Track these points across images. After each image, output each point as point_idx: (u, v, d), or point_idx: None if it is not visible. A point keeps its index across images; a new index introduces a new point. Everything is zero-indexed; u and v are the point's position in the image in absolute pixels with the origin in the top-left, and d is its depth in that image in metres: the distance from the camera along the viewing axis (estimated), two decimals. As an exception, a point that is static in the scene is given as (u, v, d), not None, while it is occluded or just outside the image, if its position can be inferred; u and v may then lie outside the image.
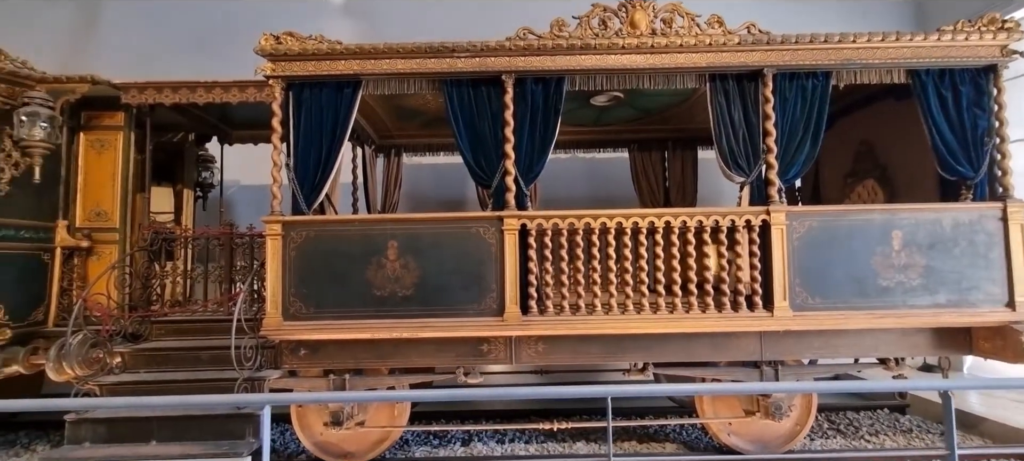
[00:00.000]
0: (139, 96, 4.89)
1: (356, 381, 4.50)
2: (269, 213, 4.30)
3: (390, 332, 4.22)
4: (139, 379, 4.38)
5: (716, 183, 7.07)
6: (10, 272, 4.61)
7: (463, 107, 4.35)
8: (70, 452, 3.96)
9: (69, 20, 7.85)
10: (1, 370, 4.59)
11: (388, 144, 6.79)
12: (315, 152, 4.35)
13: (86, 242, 5.04)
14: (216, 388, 4.24)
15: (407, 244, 4.23)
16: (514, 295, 4.17)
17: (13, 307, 4.62)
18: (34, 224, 4.81)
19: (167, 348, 4.65)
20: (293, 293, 4.22)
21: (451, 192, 7.75)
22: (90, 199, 5.12)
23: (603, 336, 4.34)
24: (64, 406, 2.99)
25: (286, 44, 4.24)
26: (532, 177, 4.36)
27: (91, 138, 5.15)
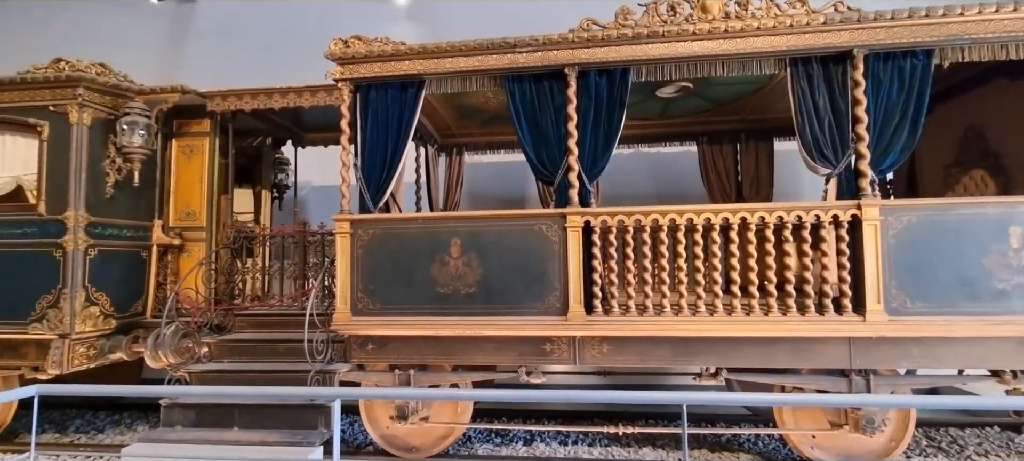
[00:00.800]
0: (222, 103, 5.22)
1: (420, 377, 4.57)
2: (338, 212, 4.45)
3: (452, 329, 4.24)
4: (223, 368, 4.67)
5: (794, 177, 6.63)
6: (115, 268, 5.06)
7: (525, 103, 4.29)
8: (164, 434, 4.29)
9: (164, 36, 8.57)
10: (107, 356, 5.04)
11: (450, 143, 6.86)
12: (381, 151, 4.46)
13: (178, 240, 5.45)
14: (291, 379, 4.45)
15: (469, 242, 4.23)
16: (578, 294, 4.07)
17: (117, 299, 5.07)
18: (134, 224, 5.26)
19: (248, 340, 4.94)
20: (361, 289, 4.35)
21: (512, 190, 7.73)
22: (181, 200, 5.53)
23: (672, 338, 4.14)
24: (157, 393, 3.22)
25: (354, 47, 4.36)
26: (596, 173, 4.23)
27: (182, 144, 5.56)
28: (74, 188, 4.73)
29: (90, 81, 4.80)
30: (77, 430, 5.95)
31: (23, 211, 4.79)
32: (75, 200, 4.73)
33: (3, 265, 4.76)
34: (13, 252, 4.76)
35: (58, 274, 4.68)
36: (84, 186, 4.78)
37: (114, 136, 4.98)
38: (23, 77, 4.77)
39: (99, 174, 4.93)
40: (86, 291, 4.78)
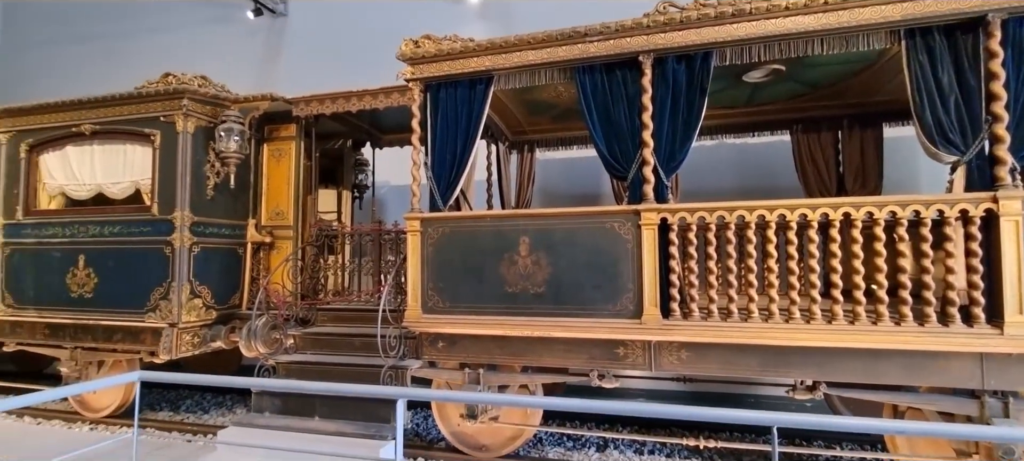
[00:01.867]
0: (305, 108, 5.51)
1: (490, 376, 4.53)
2: (409, 210, 4.51)
3: (521, 330, 4.15)
4: (306, 359, 4.92)
5: (910, 167, 5.85)
6: (216, 263, 5.51)
7: (596, 94, 4.10)
8: (255, 419, 4.60)
9: (260, 49, 9.27)
10: (209, 344, 5.51)
11: (521, 140, 6.78)
12: (450, 149, 4.46)
13: (269, 238, 5.83)
14: (366, 373, 4.58)
15: (538, 240, 4.11)
16: (653, 296, 3.81)
17: (217, 292, 5.52)
18: (231, 223, 5.70)
19: (328, 333, 5.17)
20: (431, 287, 4.38)
21: (584, 186, 7.51)
22: (272, 201, 5.92)
23: (761, 347, 3.76)
24: (246, 383, 3.42)
25: (423, 47, 4.40)
26: (673, 167, 3.94)
27: (272, 148, 5.95)
28: (180, 190, 5.20)
29: (193, 92, 5.25)
30: (187, 410, 6.58)
31: (140, 212, 5.34)
32: (181, 201, 5.20)
33: (125, 261, 5.35)
34: (133, 249, 5.32)
35: (168, 269, 5.17)
36: (189, 188, 5.25)
37: (213, 142, 5.42)
38: (139, 91, 5.32)
39: (201, 177, 5.39)
40: (190, 285, 5.24)
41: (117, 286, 5.34)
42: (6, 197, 5.81)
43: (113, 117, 5.44)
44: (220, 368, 7.46)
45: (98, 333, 5.48)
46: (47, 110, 5.67)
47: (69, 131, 5.59)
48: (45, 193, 5.80)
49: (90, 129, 5.49)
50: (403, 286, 4.73)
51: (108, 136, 5.51)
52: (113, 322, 5.36)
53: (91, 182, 5.62)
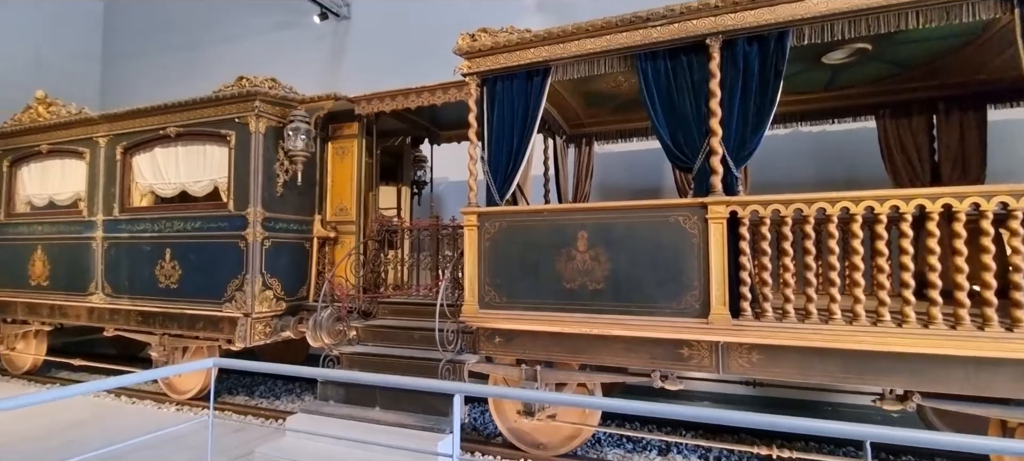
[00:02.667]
0: (367, 106, 5.65)
1: (547, 373, 4.45)
2: (466, 205, 4.51)
3: (579, 327, 4.04)
4: (368, 351, 5.05)
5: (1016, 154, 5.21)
6: (285, 257, 5.78)
7: (659, 82, 3.91)
8: (320, 407, 4.77)
9: (326, 52, 9.66)
10: (279, 334, 5.79)
11: (578, 133, 6.64)
12: (507, 143, 4.41)
13: (333, 233, 6.05)
14: (425, 366, 4.64)
15: (598, 235, 3.98)
16: (722, 295, 3.59)
17: (286, 285, 5.79)
18: (299, 218, 5.96)
19: (389, 326, 5.29)
20: (488, 282, 4.36)
21: (645, 180, 7.26)
22: (336, 197, 6.13)
23: (843, 351, 3.44)
24: (312, 374, 3.55)
25: (480, 40, 4.37)
26: (744, 156, 3.69)
27: (336, 146, 6.16)
28: (253, 187, 5.49)
29: (264, 94, 5.51)
30: (260, 395, 6.97)
31: (218, 208, 5.69)
32: (254, 198, 5.48)
33: (205, 254, 5.71)
34: (212, 243, 5.68)
35: (242, 262, 5.47)
36: (261, 186, 5.52)
37: (282, 141, 5.68)
38: (216, 95, 5.65)
39: (272, 175, 5.66)
40: (263, 277, 5.52)
41: (198, 278, 5.72)
42: (105, 195, 6.38)
43: (194, 120, 5.82)
44: (289, 356, 7.86)
45: (183, 321, 5.90)
46: (138, 115, 6.15)
47: (157, 133, 6.04)
48: (137, 191, 6.30)
49: (174, 131, 5.91)
50: (461, 281, 4.74)
51: (190, 137, 5.91)
52: (195, 311, 5.75)
53: (176, 181, 6.04)
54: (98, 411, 5.82)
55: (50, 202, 6.99)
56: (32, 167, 7.18)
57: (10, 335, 7.57)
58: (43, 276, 6.86)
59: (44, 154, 6.98)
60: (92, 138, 6.51)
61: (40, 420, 5.34)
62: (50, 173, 7.01)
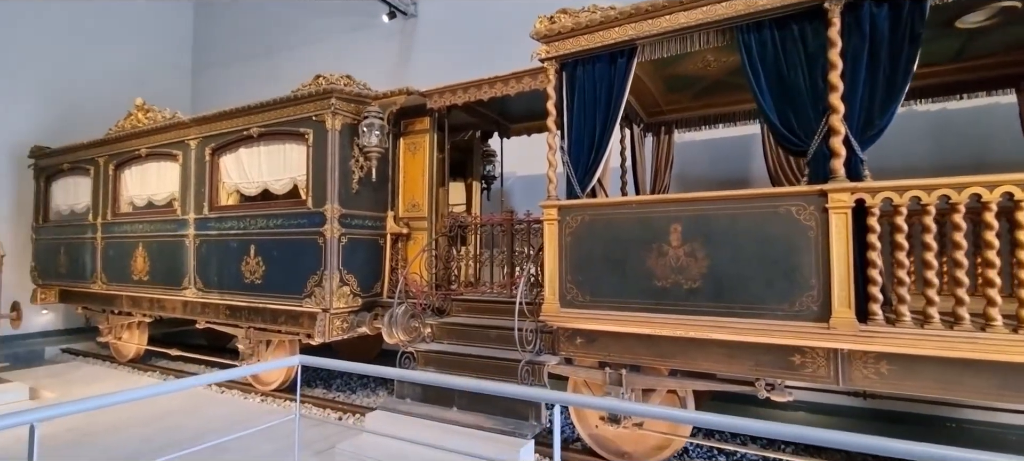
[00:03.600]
0: (439, 100, 5.55)
1: (633, 378, 4.14)
2: (545, 198, 4.27)
3: (673, 329, 3.69)
4: (443, 349, 4.94)
5: None
6: (360, 253, 5.81)
7: (765, 56, 3.47)
8: (397, 404, 4.72)
9: (395, 50, 9.76)
10: (355, 329, 5.83)
11: (657, 121, 6.22)
12: (589, 132, 4.13)
13: (406, 229, 6.01)
14: (503, 366, 4.46)
15: (693, 228, 3.62)
16: (845, 296, 3.12)
17: (361, 281, 5.81)
18: (373, 215, 5.97)
19: (463, 324, 5.16)
20: (569, 279, 4.10)
21: (730, 169, 6.72)
22: (408, 193, 6.10)
23: (1003, 364, 2.89)
24: (393, 375, 3.45)
25: (559, 22, 4.11)
26: (872, 136, 3.20)
27: (407, 142, 6.12)
28: (330, 184, 5.54)
29: (339, 91, 5.55)
30: (337, 388, 7.11)
31: (297, 205, 5.80)
32: (331, 195, 5.53)
33: (286, 250, 5.85)
34: (292, 239, 5.80)
35: (321, 258, 5.54)
36: (337, 182, 5.56)
37: (357, 138, 5.69)
38: (295, 94, 5.76)
39: (347, 172, 5.69)
40: (340, 273, 5.56)
41: (280, 273, 5.87)
42: (196, 195, 6.71)
43: (274, 120, 5.97)
44: (364, 350, 8.00)
45: (266, 315, 6.09)
46: (224, 117, 6.41)
47: (241, 134, 6.26)
48: (224, 190, 6.57)
49: (257, 132, 6.09)
50: (539, 278, 4.52)
51: (271, 137, 6.07)
52: (278, 306, 5.91)
53: (258, 179, 6.24)
54: (193, 400, 6.12)
55: (149, 202, 7.47)
56: (133, 170, 7.71)
57: (117, 325, 8.21)
58: (144, 271, 7.35)
59: (143, 157, 7.47)
60: (184, 141, 6.87)
61: (143, 407, 5.67)
62: (148, 175, 7.49)
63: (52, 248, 8.93)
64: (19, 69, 9.98)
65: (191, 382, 2.71)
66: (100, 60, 11.04)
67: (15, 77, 9.92)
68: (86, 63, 10.84)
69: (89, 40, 10.97)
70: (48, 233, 9.09)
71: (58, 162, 8.83)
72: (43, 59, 10.29)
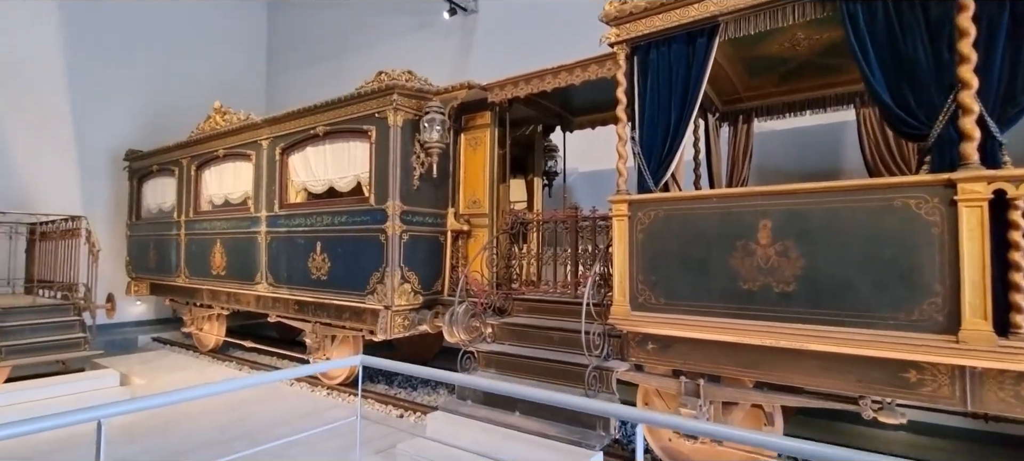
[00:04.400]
0: (500, 93, 5.39)
1: (712, 389, 3.77)
2: (614, 193, 3.99)
3: (761, 337, 3.30)
4: (505, 351, 4.78)
5: None
6: (421, 251, 5.76)
7: (875, 25, 3.02)
8: (458, 406, 4.60)
9: (455, 47, 9.74)
10: (416, 327, 5.79)
11: (735, 109, 5.75)
12: (663, 120, 3.81)
13: (466, 226, 5.91)
14: (568, 371, 4.23)
15: (787, 225, 3.22)
16: (980, 304, 2.64)
17: (422, 279, 5.77)
18: (434, 212, 5.91)
19: (525, 325, 4.97)
20: (641, 280, 3.80)
21: (817, 161, 6.12)
22: (469, 190, 5.99)
23: None
24: (450, 379, 3.30)
25: (631, 2, 3.81)
26: (1016, 113, 2.69)
27: (468, 137, 6.01)
28: (392, 181, 5.52)
29: (401, 87, 5.51)
30: (399, 385, 7.14)
31: (360, 202, 5.84)
32: (393, 191, 5.51)
33: (350, 247, 5.91)
34: (356, 236, 5.85)
35: (383, 255, 5.54)
36: (399, 179, 5.54)
37: (418, 133, 5.64)
38: (358, 92, 5.79)
39: (408, 168, 5.65)
40: (401, 271, 5.54)
41: (344, 270, 5.94)
42: (268, 193, 6.95)
43: (339, 118, 6.04)
44: (424, 349, 8.02)
45: (331, 311, 6.19)
46: (292, 117, 6.59)
47: (308, 133, 6.40)
48: (293, 188, 6.76)
49: (322, 130, 6.20)
50: (607, 277, 4.25)
51: (336, 135, 6.16)
52: (342, 302, 5.98)
53: (324, 177, 6.35)
54: (264, 391, 6.33)
55: (226, 200, 7.85)
56: (212, 170, 8.13)
57: (198, 317, 8.71)
58: (221, 266, 7.73)
59: (221, 158, 7.85)
60: (257, 141, 7.14)
61: (216, 398, 5.92)
62: (226, 175, 7.87)
63: (143, 244, 9.63)
64: (116, 79, 10.85)
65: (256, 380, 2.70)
66: (185, 68, 11.81)
67: (113, 86, 10.80)
68: (173, 71, 11.63)
69: (175, 50, 11.77)
70: (140, 230, 9.81)
71: (148, 164, 9.50)
72: (136, 69, 11.14)
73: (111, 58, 10.77)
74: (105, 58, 10.68)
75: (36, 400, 5.12)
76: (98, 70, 10.58)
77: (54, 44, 10.11)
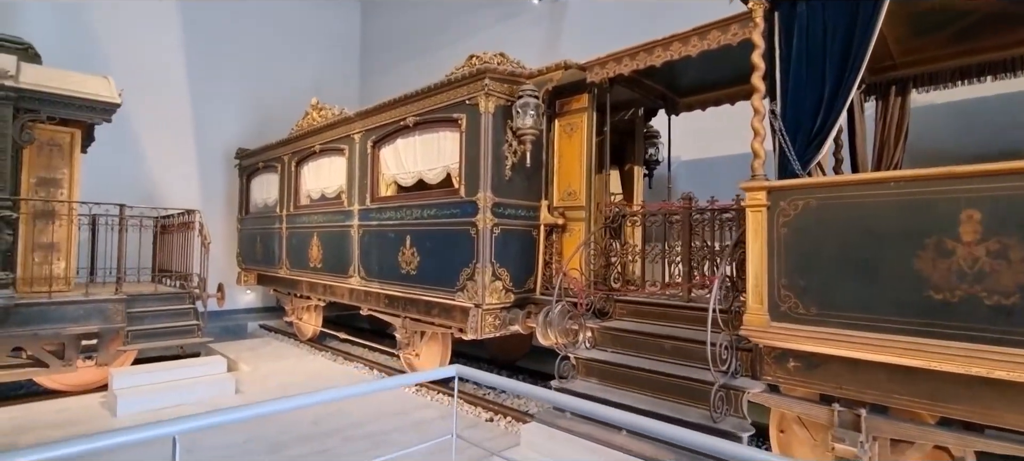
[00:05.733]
0: (601, 72, 4.86)
1: (878, 422, 3.02)
2: (748, 178, 3.33)
3: (956, 363, 2.53)
4: (608, 359, 4.27)
5: None
6: (513, 245, 5.40)
7: None
8: (556, 418, 4.17)
9: (543, 34, 9.31)
10: (507, 327, 5.44)
11: (886, 79, 4.78)
12: (813, 91, 3.10)
13: (561, 220, 5.45)
14: (683, 387, 3.65)
15: (1004, 216, 2.42)
16: None
17: (514, 276, 5.40)
18: (526, 204, 5.52)
19: (629, 330, 4.43)
20: (784, 284, 3.12)
21: (995, 140, 4.96)
22: (563, 180, 5.53)
23: None
24: (551, 399, 2.90)
25: (774, -55, 3.14)
26: None
27: (563, 124, 5.54)
28: (483, 171, 5.20)
29: (493, 70, 5.17)
30: (489, 386, 6.87)
31: (450, 195, 5.59)
32: (484, 182, 5.19)
33: (440, 241, 5.69)
34: (445, 230, 5.61)
35: (473, 250, 5.24)
36: (490, 169, 5.21)
37: (510, 120, 5.27)
38: (449, 78, 5.54)
39: (500, 157, 5.31)
40: (492, 266, 5.21)
41: (434, 265, 5.74)
42: (360, 187, 6.96)
43: (429, 107, 5.84)
44: (512, 346, 7.68)
45: (420, 307, 6.02)
46: (383, 109, 6.51)
47: (398, 125, 6.28)
48: (383, 182, 6.70)
49: (412, 121, 6.03)
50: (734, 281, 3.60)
51: (426, 126, 5.97)
52: (431, 298, 5.79)
53: (414, 169, 6.20)
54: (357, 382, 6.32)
55: (322, 195, 8.03)
56: (309, 165, 8.37)
57: (299, 307, 9.06)
58: (318, 259, 7.92)
59: (317, 153, 8.04)
60: (349, 136, 7.18)
61: (312, 388, 5.97)
62: (322, 170, 8.05)
63: (252, 237, 10.23)
64: (227, 82, 11.66)
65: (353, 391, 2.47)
66: (286, 70, 12.44)
67: (224, 88, 11.61)
68: (275, 74, 12.28)
69: (277, 53, 12.44)
70: (249, 224, 10.44)
71: (255, 161, 10.05)
72: (242, 71, 11.89)
73: (221, 61, 11.58)
74: (217, 61, 11.49)
75: (157, 384, 5.42)
76: (211, 73, 11.42)
77: (176, 49, 11.03)
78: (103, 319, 5.85)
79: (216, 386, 5.67)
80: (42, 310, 5.50)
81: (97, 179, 7.46)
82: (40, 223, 6.02)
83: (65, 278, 6.14)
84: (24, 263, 5.93)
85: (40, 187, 6.17)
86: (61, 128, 6.34)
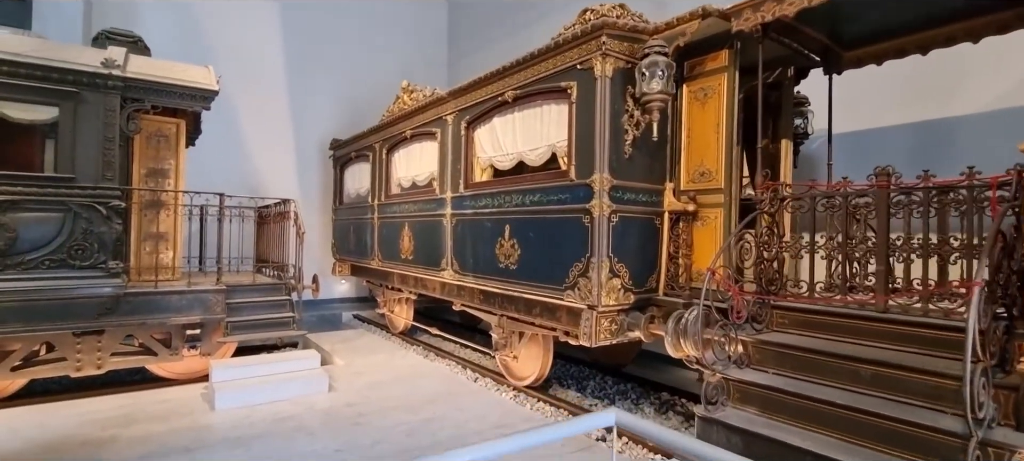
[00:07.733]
0: (753, 17, 3.83)
1: None
2: (1031, 136, 2.22)
3: None
4: (771, 384, 3.30)
5: None
6: (633, 237, 4.54)
7: None
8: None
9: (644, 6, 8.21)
10: (626, 333, 4.60)
11: None
12: None
13: (691, 205, 4.51)
14: (908, 437, 2.60)
15: None
16: None
17: (634, 272, 4.55)
18: (648, 187, 4.64)
19: (797, 346, 3.41)
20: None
21: None
22: (694, 157, 4.57)
23: None
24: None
25: None
26: None
27: (693, 89, 4.57)
28: (598, 148, 4.37)
29: (611, 25, 4.31)
30: (592, 393, 6.07)
31: (557, 177, 4.83)
32: (600, 162, 4.37)
33: (544, 232, 4.96)
34: (550, 218, 4.87)
35: (586, 242, 4.45)
36: (607, 146, 4.37)
37: (631, 86, 4.40)
38: (555, 41, 4.76)
39: (619, 132, 4.45)
40: (609, 261, 4.39)
41: (537, 259, 5.03)
42: (453, 172, 6.41)
43: (531, 78, 5.11)
44: (620, 351, 6.74)
45: (520, 305, 5.34)
46: (478, 84, 5.88)
47: (495, 102, 5.62)
48: (478, 166, 6.09)
49: (512, 96, 5.34)
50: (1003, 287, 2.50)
51: (527, 100, 5.25)
52: (533, 296, 5.09)
53: (513, 151, 5.52)
54: (450, 385, 5.80)
55: (413, 183, 7.62)
56: (400, 152, 8.00)
57: (391, 299, 8.80)
58: (409, 251, 7.53)
59: (408, 139, 7.63)
60: (441, 117, 6.65)
61: (404, 388, 5.53)
62: (412, 156, 7.63)
63: (345, 227, 10.17)
64: (321, 75, 11.75)
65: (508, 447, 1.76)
66: (375, 61, 12.33)
67: (317, 81, 11.71)
68: (365, 65, 12.21)
69: (367, 44, 12.38)
70: (342, 214, 10.40)
71: (347, 151, 9.95)
72: (337, 64, 11.93)
73: (315, 54, 11.68)
74: (311, 54, 11.61)
75: (253, 378, 5.23)
76: (306, 66, 11.54)
77: (275, 44, 11.25)
78: (204, 309, 5.79)
79: (311, 383, 5.40)
80: (148, 300, 5.51)
81: (204, 171, 7.59)
82: (149, 213, 6.09)
83: (172, 267, 6.19)
84: (136, 252, 6.03)
85: (149, 178, 6.25)
86: (167, 119, 6.41)
